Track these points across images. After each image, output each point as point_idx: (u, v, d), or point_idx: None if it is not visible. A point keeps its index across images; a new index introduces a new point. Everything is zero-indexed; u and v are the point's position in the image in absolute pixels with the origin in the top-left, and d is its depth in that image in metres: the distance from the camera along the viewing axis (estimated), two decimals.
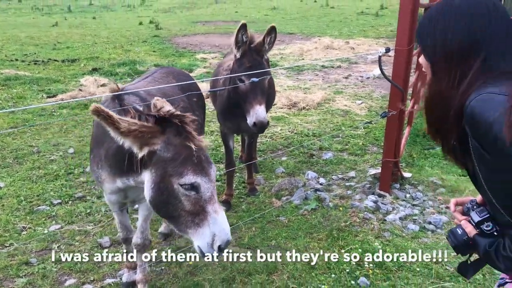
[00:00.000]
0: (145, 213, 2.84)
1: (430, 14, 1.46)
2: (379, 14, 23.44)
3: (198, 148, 2.01)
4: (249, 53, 3.44)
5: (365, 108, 7.38)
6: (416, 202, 4.20)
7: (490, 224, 1.43)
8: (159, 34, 17.04)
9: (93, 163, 2.59)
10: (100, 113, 1.89)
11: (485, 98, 1.27)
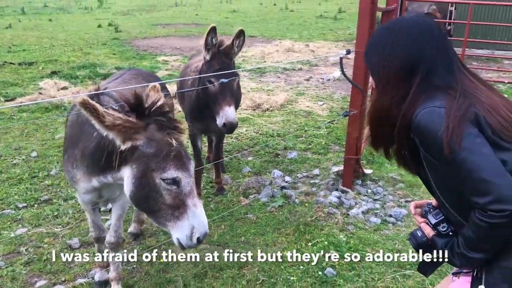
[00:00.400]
0: (118, 212, 2.88)
1: (375, 36, 1.62)
2: (338, 18, 23.97)
3: (179, 143, 2.09)
4: (218, 55, 3.53)
5: (327, 109, 7.60)
6: (377, 196, 4.41)
7: (445, 225, 1.58)
8: (119, 37, 16.85)
9: (68, 163, 2.62)
10: (86, 106, 1.95)
11: (429, 111, 1.43)
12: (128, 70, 3.43)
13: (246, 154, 5.74)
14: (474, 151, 1.35)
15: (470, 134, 1.37)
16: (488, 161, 1.34)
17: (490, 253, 1.41)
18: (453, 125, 1.36)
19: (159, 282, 3.18)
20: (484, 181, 1.32)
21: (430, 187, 1.58)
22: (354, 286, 3.09)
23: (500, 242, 1.39)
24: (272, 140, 6.10)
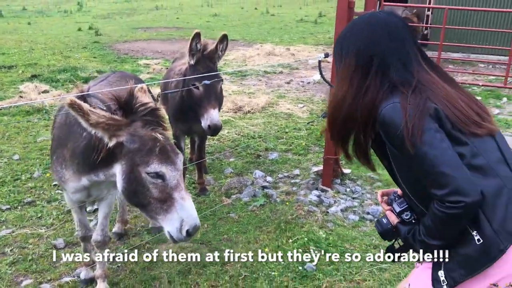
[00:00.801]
0: (105, 210, 2.95)
1: (343, 31, 1.72)
2: (318, 22, 24.24)
3: (163, 138, 2.18)
4: (203, 60, 3.63)
5: (307, 111, 7.75)
6: (355, 195, 4.56)
7: (408, 214, 1.68)
8: (99, 40, 16.80)
9: (56, 164, 2.68)
10: (73, 105, 2.04)
11: (393, 107, 1.52)
12: (113, 73, 3.51)
13: (228, 156, 5.84)
14: (434, 145, 1.45)
15: (430, 130, 1.46)
16: (447, 155, 1.44)
17: (447, 241, 1.52)
18: (413, 121, 1.46)
19: (144, 279, 3.25)
20: (443, 174, 1.42)
21: (395, 177, 1.68)
22: (333, 280, 3.21)
23: (457, 231, 1.50)
24: (253, 142, 6.21)
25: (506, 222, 1.46)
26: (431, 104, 1.51)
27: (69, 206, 3.02)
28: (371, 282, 3.19)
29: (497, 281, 1.48)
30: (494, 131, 1.62)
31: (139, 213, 4.38)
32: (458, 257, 1.52)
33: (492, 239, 1.45)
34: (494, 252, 1.45)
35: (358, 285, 3.17)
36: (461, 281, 1.51)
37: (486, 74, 10.87)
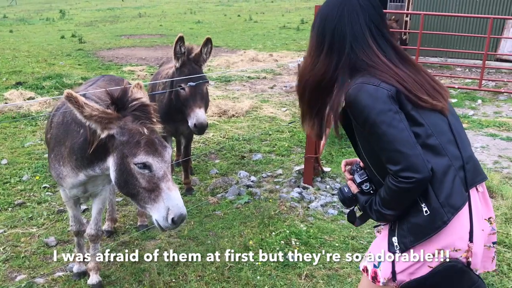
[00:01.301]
0: (99, 206, 3.12)
1: (319, 10, 1.85)
2: (300, 28, 24.58)
3: (151, 132, 2.36)
4: (188, 63, 3.83)
5: (290, 115, 7.98)
6: (335, 191, 4.78)
7: (367, 185, 1.87)
8: (83, 48, 16.87)
9: (54, 161, 2.83)
10: (70, 98, 2.22)
11: (358, 87, 1.68)
12: (102, 77, 3.67)
13: (213, 157, 6.03)
14: (392, 125, 1.62)
15: (390, 111, 1.63)
16: (403, 135, 1.62)
17: (400, 211, 1.72)
18: (375, 102, 1.63)
19: (134, 272, 3.42)
20: (398, 152, 1.61)
21: (358, 150, 1.87)
22: (313, 267, 3.42)
23: (408, 202, 1.70)
24: (238, 144, 6.41)
25: (451, 197, 1.67)
26: (392, 86, 1.67)
27: (65, 202, 3.17)
28: (348, 269, 3.40)
29: (442, 247, 1.69)
30: (445, 110, 1.77)
31: (127, 212, 4.55)
32: (409, 225, 1.72)
33: (438, 212, 1.66)
34: (439, 223, 1.66)
35: (336, 272, 3.38)
36: (411, 246, 1.72)
37: (462, 77, 11.24)
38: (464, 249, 1.70)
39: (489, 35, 9.72)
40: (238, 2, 57.69)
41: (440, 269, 1.70)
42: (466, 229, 1.70)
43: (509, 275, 3.31)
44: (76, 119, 2.63)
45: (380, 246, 1.85)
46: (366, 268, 1.90)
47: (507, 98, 9.44)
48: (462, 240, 1.69)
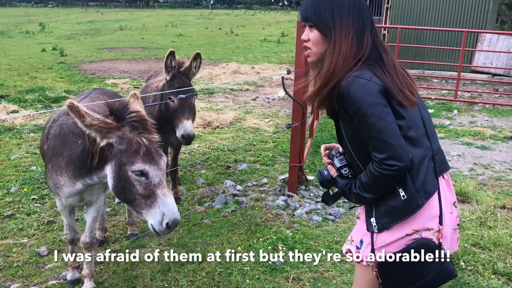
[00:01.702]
0: (94, 214, 3.22)
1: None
2: (281, 41, 24.99)
3: (148, 141, 2.50)
4: (178, 76, 3.99)
5: (273, 125, 8.17)
6: (318, 199, 4.95)
7: (347, 169, 2.03)
8: (65, 61, 16.88)
9: (52, 171, 2.93)
10: (72, 107, 2.35)
11: (352, 80, 1.82)
12: (94, 90, 3.79)
13: (199, 168, 6.16)
14: (381, 117, 1.78)
15: (380, 104, 1.79)
16: (390, 127, 1.79)
17: (379, 195, 1.90)
18: (367, 95, 1.78)
19: (127, 278, 3.52)
20: (384, 142, 1.78)
21: (341, 137, 2.03)
22: (300, 271, 3.56)
23: (387, 188, 1.87)
24: (223, 154, 6.55)
25: (425, 184, 1.86)
26: (382, 82, 1.84)
27: (60, 211, 3.26)
28: (333, 272, 3.56)
29: (417, 228, 1.89)
30: (417, 103, 1.95)
31: (116, 222, 4.64)
32: (386, 208, 1.90)
33: (414, 196, 1.85)
34: (414, 206, 1.86)
35: (322, 275, 3.53)
36: (388, 227, 1.90)
37: (438, 88, 11.62)
38: (436, 229, 1.89)
39: (464, 48, 10.10)
40: (219, 16, 58.29)
41: (414, 246, 1.88)
42: (436, 212, 1.89)
43: (484, 274, 3.51)
44: (74, 130, 2.75)
45: (361, 230, 2.02)
46: (349, 250, 2.07)
47: (482, 108, 9.81)
48: (433, 221, 1.89)
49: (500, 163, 6.27)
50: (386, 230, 1.91)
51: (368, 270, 2.00)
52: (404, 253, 1.88)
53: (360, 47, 1.89)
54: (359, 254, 2.01)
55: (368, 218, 1.97)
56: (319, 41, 1.93)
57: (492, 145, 7.10)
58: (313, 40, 1.94)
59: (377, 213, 1.93)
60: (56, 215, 4.64)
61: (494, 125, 8.43)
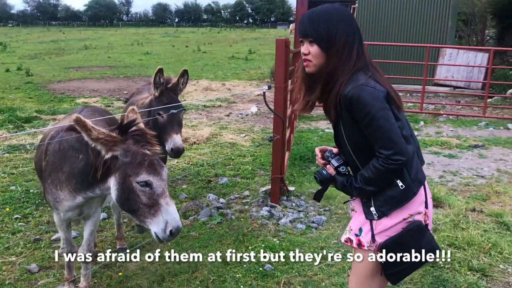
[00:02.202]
0: (91, 228, 3.30)
1: (327, 15, 2.13)
2: (249, 58, 25.35)
3: (151, 154, 2.63)
4: (166, 92, 4.13)
5: (249, 140, 8.36)
6: (301, 208, 5.15)
7: (344, 167, 2.28)
8: (32, 81, 16.67)
9: (51, 186, 3.00)
10: (79, 122, 2.46)
11: (360, 88, 2.04)
12: (85, 108, 3.88)
13: (180, 183, 6.26)
14: (387, 120, 2.03)
15: (386, 108, 2.04)
16: (394, 127, 2.04)
17: (380, 187, 2.14)
18: (375, 100, 2.02)
19: None
20: (391, 140, 2.02)
21: (339, 139, 2.25)
22: (289, 276, 3.73)
23: (390, 180, 2.12)
24: (203, 169, 6.68)
25: (417, 174, 2.16)
26: (384, 88, 2.09)
27: (58, 226, 3.32)
28: (321, 276, 3.74)
29: (411, 213, 2.16)
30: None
31: (104, 237, 4.69)
32: (385, 197, 2.15)
33: (410, 185, 2.13)
34: (410, 194, 2.13)
35: (310, 279, 3.70)
36: (387, 213, 2.15)
37: (405, 101, 12.09)
38: (423, 212, 2.19)
39: (427, 62, 10.61)
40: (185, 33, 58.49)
41: (411, 227, 2.15)
42: (423, 198, 2.19)
43: (460, 271, 3.77)
44: (74, 145, 2.85)
45: (359, 220, 2.27)
46: (348, 239, 2.30)
47: (446, 119, 10.30)
48: (422, 205, 2.18)
49: (467, 170, 6.64)
50: (385, 217, 2.16)
51: (368, 253, 2.23)
52: (402, 235, 2.15)
53: (355, 58, 2.14)
54: (360, 241, 2.24)
55: (367, 208, 2.21)
56: (319, 54, 2.15)
57: (458, 154, 7.50)
58: (314, 54, 2.16)
59: (376, 202, 2.17)
60: (42, 233, 4.67)
61: (459, 134, 8.89)
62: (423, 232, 2.18)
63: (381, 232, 2.18)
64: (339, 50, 2.12)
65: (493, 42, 20.78)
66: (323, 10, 2.17)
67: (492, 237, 4.28)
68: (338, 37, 2.11)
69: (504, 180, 6.19)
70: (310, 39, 2.15)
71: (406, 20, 14.39)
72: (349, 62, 2.12)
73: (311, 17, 2.16)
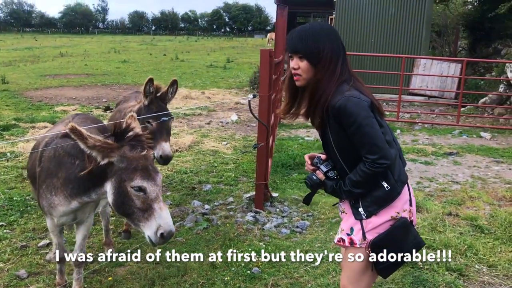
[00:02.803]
0: (84, 233, 3.36)
1: (314, 32, 2.30)
2: (227, 67, 25.47)
3: (146, 160, 2.71)
4: (155, 101, 4.23)
5: (231, 148, 8.47)
6: (284, 214, 5.29)
7: (332, 172, 2.45)
8: (8, 88, 16.43)
9: (46, 192, 3.06)
10: (75, 131, 2.54)
11: (346, 99, 2.21)
12: (77, 115, 3.93)
13: (164, 190, 6.32)
14: (372, 127, 2.20)
15: (370, 116, 2.21)
16: (379, 134, 2.22)
17: (367, 190, 2.32)
18: (360, 110, 2.19)
19: None
20: (376, 146, 2.19)
21: (327, 145, 2.42)
22: (277, 278, 3.85)
23: (375, 182, 2.29)
24: (186, 176, 6.76)
25: (400, 175, 2.34)
26: (367, 98, 2.27)
27: (51, 231, 3.37)
28: (307, 277, 3.87)
29: (398, 211, 2.33)
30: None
31: (91, 243, 4.73)
32: (372, 198, 2.32)
33: (394, 186, 2.31)
34: (395, 194, 2.31)
35: (297, 281, 3.83)
36: (374, 213, 2.33)
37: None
38: (408, 209, 2.36)
39: (403, 72, 10.94)
40: (162, 42, 58.33)
41: (397, 224, 2.33)
42: (407, 196, 2.38)
43: (439, 271, 3.96)
44: (70, 151, 2.93)
45: (349, 221, 2.43)
46: (341, 239, 2.46)
47: (422, 127, 10.62)
48: (406, 203, 2.37)
49: (443, 176, 6.90)
50: (375, 216, 2.32)
51: (360, 251, 2.38)
52: (390, 231, 2.32)
53: (340, 70, 2.32)
54: (352, 240, 2.40)
55: (356, 209, 2.38)
56: (308, 69, 2.33)
57: (434, 161, 7.78)
58: (303, 69, 2.34)
59: (364, 203, 2.35)
60: (29, 240, 4.68)
61: (434, 142, 9.19)
62: (408, 228, 2.36)
63: (371, 230, 2.34)
64: (325, 64, 2.29)
65: (465, 53, 21.46)
66: (311, 27, 2.36)
67: (468, 239, 4.50)
68: (325, 53, 2.28)
69: (477, 186, 6.46)
70: (300, 54, 2.33)
71: (382, 31, 14.79)
72: (334, 75, 2.30)
73: (300, 35, 2.34)
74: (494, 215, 5.23)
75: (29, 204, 5.57)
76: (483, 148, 8.74)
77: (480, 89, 13.41)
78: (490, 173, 7.13)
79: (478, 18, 18.81)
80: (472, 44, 20.28)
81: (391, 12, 14.66)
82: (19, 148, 8.07)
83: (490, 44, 19.03)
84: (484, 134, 9.94)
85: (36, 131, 9.55)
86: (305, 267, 4.03)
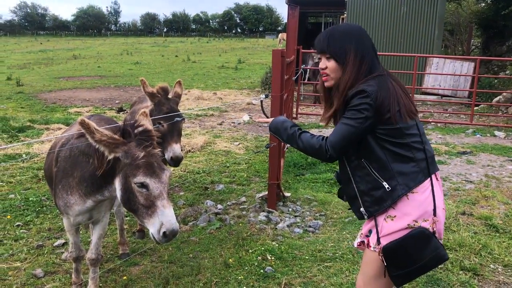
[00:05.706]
0: (100, 232, 3.40)
1: (342, 33, 2.36)
2: (238, 68, 25.55)
3: (150, 156, 2.69)
4: (166, 102, 4.28)
5: (243, 148, 8.50)
6: (297, 213, 5.29)
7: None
8: (23, 91, 16.68)
9: (62, 191, 3.10)
10: (83, 124, 2.58)
11: (356, 91, 2.24)
12: (92, 116, 3.99)
13: (177, 190, 6.37)
14: (353, 126, 2.23)
15: (362, 117, 2.22)
16: (352, 134, 2.24)
17: (299, 150, 2.44)
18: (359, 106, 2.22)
19: None
20: (341, 138, 2.27)
21: None
22: (290, 277, 3.86)
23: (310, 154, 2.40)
24: (199, 177, 6.80)
25: (407, 180, 2.28)
26: (382, 97, 2.24)
27: (67, 230, 3.41)
28: (320, 277, 3.87)
29: (416, 219, 2.25)
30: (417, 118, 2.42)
31: (106, 243, 4.79)
32: (372, 198, 2.33)
33: (396, 188, 2.28)
34: (395, 195, 2.27)
35: (310, 280, 3.84)
36: (374, 213, 2.33)
37: None
38: (431, 220, 2.27)
39: (415, 71, 10.87)
40: (174, 43, 58.67)
41: (413, 233, 2.24)
42: (431, 207, 2.28)
43: (453, 271, 3.93)
44: (85, 150, 2.97)
45: (369, 224, 2.44)
46: (361, 242, 2.49)
47: (435, 127, 10.55)
48: (428, 213, 2.27)
49: (457, 176, 6.86)
50: (392, 221, 2.29)
51: (374, 254, 2.36)
52: (404, 239, 2.25)
53: (369, 69, 2.34)
54: (369, 242, 2.41)
55: (357, 208, 2.42)
56: (336, 68, 2.38)
57: (447, 160, 7.72)
58: (331, 69, 2.39)
59: (365, 203, 2.37)
60: (44, 240, 4.75)
61: (447, 142, 9.13)
62: (428, 239, 2.24)
63: (386, 235, 2.30)
64: (352, 64, 2.32)
65: (478, 51, 21.26)
66: (338, 28, 2.42)
67: (482, 239, 4.46)
68: (352, 53, 2.32)
69: (492, 185, 6.41)
70: (327, 55, 2.38)
71: (393, 30, 14.71)
72: (360, 74, 2.32)
73: (327, 35, 2.40)
74: (509, 214, 5.18)
75: (45, 204, 5.65)
76: (497, 147, 8.66)
77: (493, 87, 13.28)
78: (504, 172, 7.07)
79: (492, 16, 18.63)
80: (486, 43, 20.10)
81: (402, 11, 14.57)
82: (34, 149, 8.19)
83: (504, 42, 18.85)
84: (498, 133, 9.85)
85: (51, 133, 9.68)
86: (318, 266, 4.04)
